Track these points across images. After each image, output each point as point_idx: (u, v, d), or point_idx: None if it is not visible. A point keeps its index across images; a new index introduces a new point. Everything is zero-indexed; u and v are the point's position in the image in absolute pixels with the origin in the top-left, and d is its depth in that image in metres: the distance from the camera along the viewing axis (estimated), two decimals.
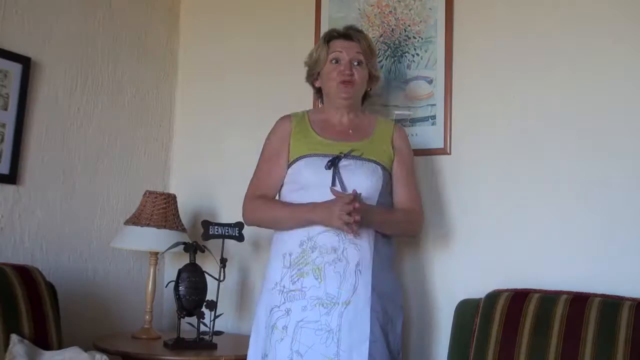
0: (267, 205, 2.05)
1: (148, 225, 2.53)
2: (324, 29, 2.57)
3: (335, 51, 2.08)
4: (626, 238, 2.07)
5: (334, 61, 2.08)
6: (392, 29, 2.56)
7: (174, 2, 3.16)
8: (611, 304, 1.91)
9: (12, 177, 2.41)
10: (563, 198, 2.18)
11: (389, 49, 2.55)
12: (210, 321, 2.42)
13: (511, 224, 2.27)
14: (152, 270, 2.63)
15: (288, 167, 2.04)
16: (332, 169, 1.95)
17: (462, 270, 2.32)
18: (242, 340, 2.31)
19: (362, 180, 1.96)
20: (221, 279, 2.44)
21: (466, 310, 2.16)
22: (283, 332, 1.90)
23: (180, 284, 2.39)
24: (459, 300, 2.21)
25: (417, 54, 2.49)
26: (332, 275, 1.89)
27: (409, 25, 2.53)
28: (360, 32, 2.16)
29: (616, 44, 2.15)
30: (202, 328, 2.41)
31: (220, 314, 2.47)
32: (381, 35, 2.57)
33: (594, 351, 1.85)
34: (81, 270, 2.67)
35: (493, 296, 2.10)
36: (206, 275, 2.44)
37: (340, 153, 1.98)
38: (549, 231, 2.20)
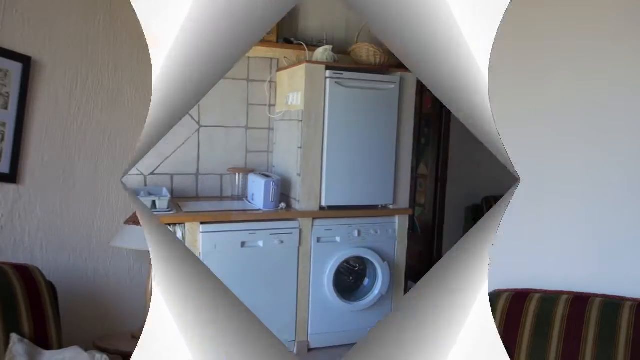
0: None
1: None
2: None
3: None
4: (626, 238, 2.07)
5: None
6: None
7: None
8: (612, 304, 1.91)
9: (12, 177, 2.41)
10: (563, 198, 2.18)
11: None
12: None
13: (511, 224, 2.26)
14: (152, 269, 2.62)
15: None
16: None
17: None
18: None
19: None
20: None
21: None
22: None
23: None
24: None
25: None
26: None
27: None
28: None
29: (616, 44, 2.15)
30: None
31: None
32: None
33: (594, 351, 1.85)
34: (81, 270, 2.67)
35: (493, 296, 2.10)
36: None
37: None
38: (549, 231, 2.19)
